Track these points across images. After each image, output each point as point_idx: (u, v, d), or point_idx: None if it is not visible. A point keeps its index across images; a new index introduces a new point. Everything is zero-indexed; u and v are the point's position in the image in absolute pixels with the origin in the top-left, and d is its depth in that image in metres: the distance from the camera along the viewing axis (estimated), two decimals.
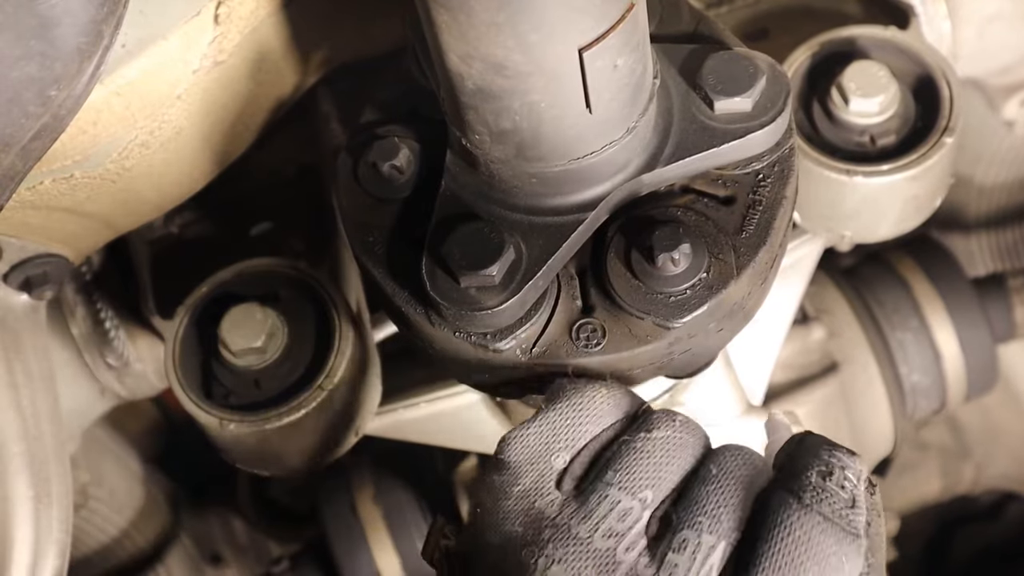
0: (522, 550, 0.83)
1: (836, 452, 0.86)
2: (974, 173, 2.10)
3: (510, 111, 0.88)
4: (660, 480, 0.85)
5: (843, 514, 0.82)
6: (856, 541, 0.82)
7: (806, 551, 0.80)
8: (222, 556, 2.18)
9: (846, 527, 0.82)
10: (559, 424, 0.88)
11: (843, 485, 0.84)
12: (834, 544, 0.81)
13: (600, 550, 0.82)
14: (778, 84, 0.99)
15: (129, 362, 1.55)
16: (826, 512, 0.82)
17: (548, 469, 0.86)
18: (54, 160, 1.04)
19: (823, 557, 0.80)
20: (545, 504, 0.84)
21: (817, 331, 1.76)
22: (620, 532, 0.82)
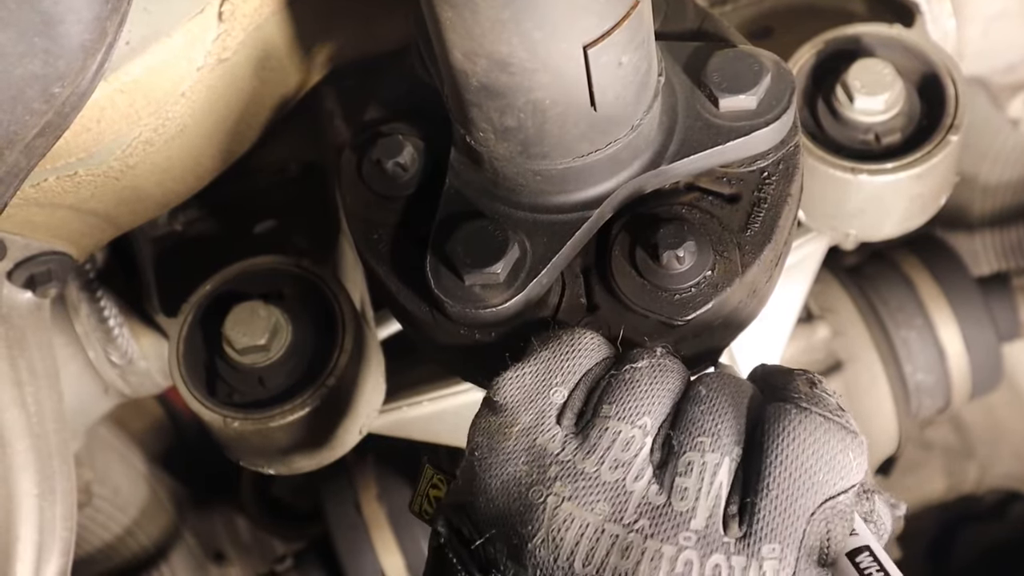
0: (529, 490, 0.82)
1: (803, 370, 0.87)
2: (978, 172, 2.10)
3: (514, 108, 0.87)
4: (655, 406, 0.84)
5: (837, 414, 0.82)
6: (857, 438, 0.82)
7: (814, 452, 0.80)
8: (226, 554, 2.18)
9: (845, 425, 0.82)
10: (553, 361, 0.88)
11: (829, 393, 0.84)
12: (838, 442, 0.81)
13: (609, 482, 0.81)
14: (783, 82, 0.99)
15: (133, 360, 1.55)
16: (825, 413, 0.82)
17: (548, 405, 0.86)
18: (58, 157, 1.04)
19: (831, 456, 0.80)
20: (547, 440, 0.84)
21: (821, 330, 1.76)
22: (626, 462, 0.82)
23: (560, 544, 0.80)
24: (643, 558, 0.78)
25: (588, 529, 0.80)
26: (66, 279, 1.28)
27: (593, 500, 0.80)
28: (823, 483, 0.80)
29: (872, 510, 0.84)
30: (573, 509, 0.80)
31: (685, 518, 0.79)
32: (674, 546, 0.78)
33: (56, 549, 1.20)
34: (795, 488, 0.79)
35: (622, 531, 0.79)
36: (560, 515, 0.80)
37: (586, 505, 0.80)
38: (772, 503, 0.79)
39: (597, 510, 0.80)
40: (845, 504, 0.80)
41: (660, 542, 0.79)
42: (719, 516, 0.79)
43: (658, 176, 0.98)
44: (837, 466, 0.80)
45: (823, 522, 0.79)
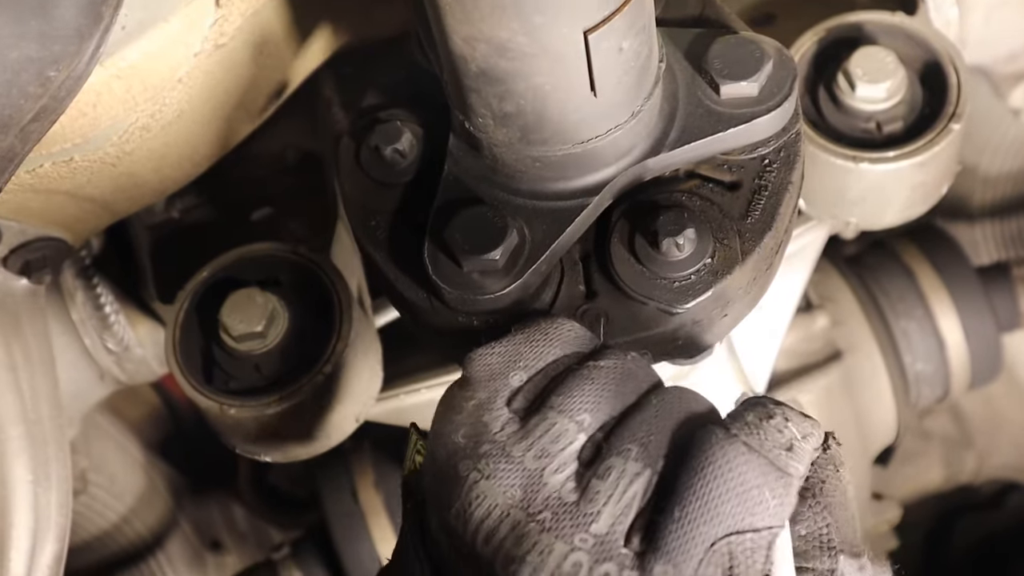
0: (460, 463, 0.82)
1: (785, 407, 0.83)
2: (979, 162, 2.10)
3: (514, 94, 0.87)
4: (600, 405, 0.83)
5: (774, 452, 0.79)
6: (784, 479, 0.78)
7: (725, 481, 0.77)
8: (222, 543, 2.18)
9: (775, 461, 0.78)
10: (523, 345, 0.87)
11: (781, 430, 0.80)
12: (758, 476, 0.77)
13: (529, 470, 0.80)
14: (785, 68, 0.99)
15: (129, 347, 1.55)
16: (753, 444, 0.78)
17: (503, 386, 0.85)
18: (54, 143, 1.03)
19: (744, 489, 0.76)
20: (491, 419, 0.83)
21: (821, 319, 1.76)
22: (551, 453, 0.80)
23: (469, 519, 0.80)
24: (533, 549, 0.77)
25: (495, 510, 0.79)
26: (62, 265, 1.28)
27: (508, 484, 0.80)
28: (729, 515, 0.76)
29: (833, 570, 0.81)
30: (487, 488, 0.80)
31: (587, 520, 0.78)
32: (567, 544, 0.77)
33: (51, 535, 1.20)
34: (698, 514, 0.76)
35: (524, 519, 0.78)
36: (475, 491, 0.80)
37: (500, 487, 0.80)
38: (673, 524, 0.76)
39: (508, 494, 0.79)
40: (753, 543, 0.76)
41: (555, 537, 0.77)
42: (624, 526, 0.78)
43: (658, 163, 0.97)
44: (749, 500, 0.76)
45: (726, 555, 0.76)
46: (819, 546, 0.82)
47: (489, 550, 0.79)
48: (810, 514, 0.82)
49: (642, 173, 0.97)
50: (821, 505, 0.82)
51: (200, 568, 2.11)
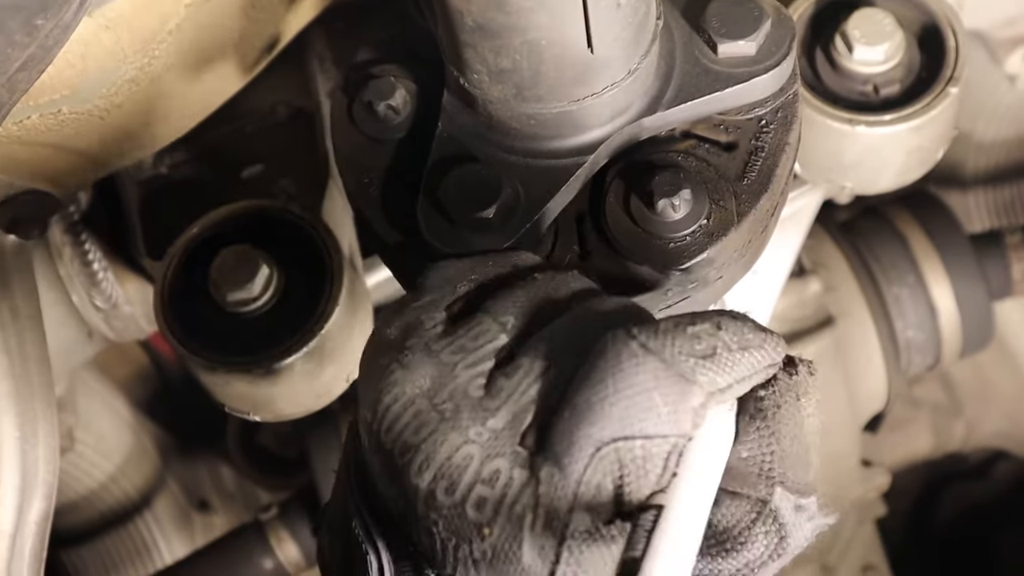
0: (385, 354, 0.81)
1: (727, 317, 0.77)
2: (974, 129, 2.09)
3: (510, 49, 0.86)
4: (526, 308, 0.81)
5: (679, 357, 0.73)
6: (682, 385, 0.72)
7: (614, 383, 0.72)
8: (210, 503, 2.18)
9: (675, 366, 0.73)
10: (480, 262, 0.86)
11: (701, 337, 0.75)
12: (650, 380, 0.72)
13: (443, 363, 0.79)
14: (783, 28, 0.97)
15: (117, 304, 1.54)
16: (652, 347, 0.73)
17: (449, 292, 0.84)
18: (41, 94, 1.02)
19: (634, 392, 0.72)
20: (427, 318, 0.82)
21: (813, 285, 1.75)
22: (468, 349, 0.79)
23: (377, 407, 0.79)
24: (428, 438, 0.76)
25: (402, 398, 0.78)
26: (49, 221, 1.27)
27: (421, 374, 0.78)
28: (615, 418, 0.72)
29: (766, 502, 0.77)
30: (400, 377, 0.79)
31: (486, 415, 0.76)
32: (461, 436, 0.75)
33: (38, 493, 1.19)
34: (586, 415, 0.73)
35: (427, 408, 0.77)
36: (389, 378, 0.79)
37: (412, 376, 0.79)
38: (562, 424, 0.74)
39: (418, 384, 0.78)
40: (644, 451, 0.72)
41: (451, 428, 0.76)
42: (522, 424, 0.75)
43: (654, 122, 0.96)
44: (636, 406, 0.72)
45: (615, 463, 0.72)
46: (757, 472, 0.77)
47: (391, 437, 0.78)
48: (755, 436, 0.77)
49: (638, 132, 0.96)
50: (769, 431, 0.77)
51: (187, 528, 2.12)
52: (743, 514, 0.76)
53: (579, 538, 0.72)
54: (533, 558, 0.73)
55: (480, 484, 0.75)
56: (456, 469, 0.75)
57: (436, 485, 0.75)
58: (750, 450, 0.77)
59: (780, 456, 0.77)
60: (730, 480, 0.76)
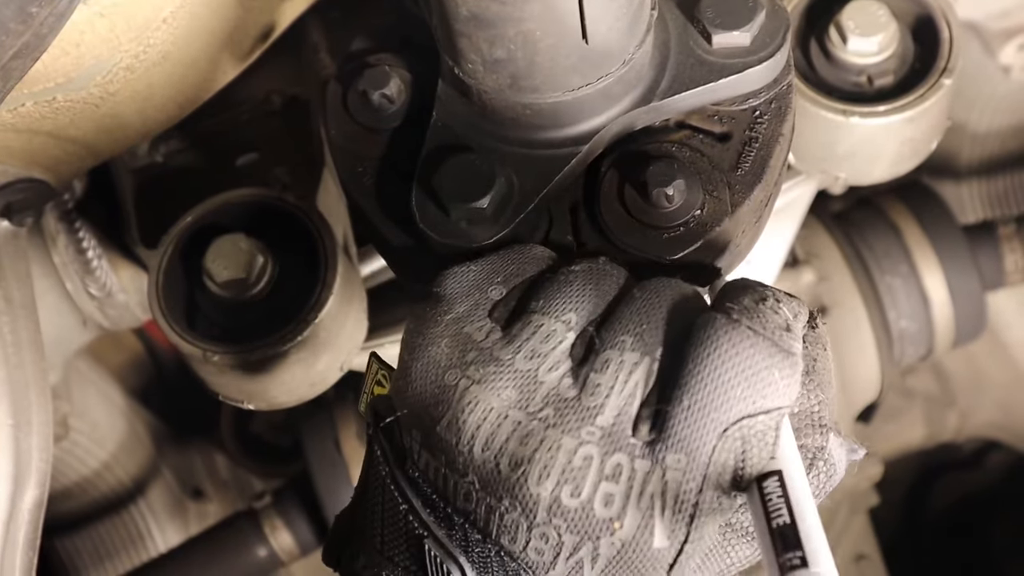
0: (445, 373, 0.81)
1: (768, 288, 0.82)
2: (968, 119, 2.09)
3: (504, 39, 0.86)
4: (583, 303, 0.82)
5: (776, 332, 0.78)
6: (791, 358, 0.77)
7: (733, 365, 0.76)
8: (204, 491, 2.18)
9: (779, 342, 0.77)
10: (499, 263, 0.87)
11: (777, 311, 0.79)
12: (765, 358, 0.76)
13: (522, 371, 0.79)
14: (777, 19, 0.98)
15: (112, 292, 1.54)
16: (756, 327, 0.77)
17: (483, 299, 0.84)
18: (36, 82, 1.02)
19: (753, 372, 0.76)
20: (474, 330, 0.82)
21: (807, 275, 1.75)
22: (543, 353, 0.80)
23: (462, 427, 0.79)
24: (541, 446, 0.77)
25: (491, 414, 0.78)
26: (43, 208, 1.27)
27: (501, 386, 0.79)
28: (740, 399, 0.75)
29: (823, 447, 0.81)
30: (480, 393, 0.79)
31: (592, 413, 0.77)
32: (575, 439, 0.77)
33: (32, 481, 1.19)
34: (708, 400, 0.75)
35: (525, 418, 0.78)
36: (466, 397, 0.79)
37: (493, 390, 0.79)
38: (683, 413, 0.76)
39: (504, 396, 0.79)
40: (765, 425, 0.76)
41: (561, 433, 0.77)
42: (629, 416, 0.77)
43: (649, 113, 0.96)
44: (759, 383, 0.76)
45: (738, 440, 0.76)
46: (811, 424, 0.81)
47: (490, 454, 0.78)
48: (804, 391, 0.81)
49: (632, 123, 0.97)
50: (815, 383, 0.82)
51: (181, 516, 2.12)
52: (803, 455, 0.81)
53: (707, 515, 0.76)
54: (663, 542, 0.76)
55: (605, 481, 0.76)
56: (579, 471, 0.76)
57: (560, 490, 0.77)
58: (801, 405, 0.81)
59: (826, 404, 0.82)
60: None
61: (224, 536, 1.81)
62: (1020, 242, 1.87)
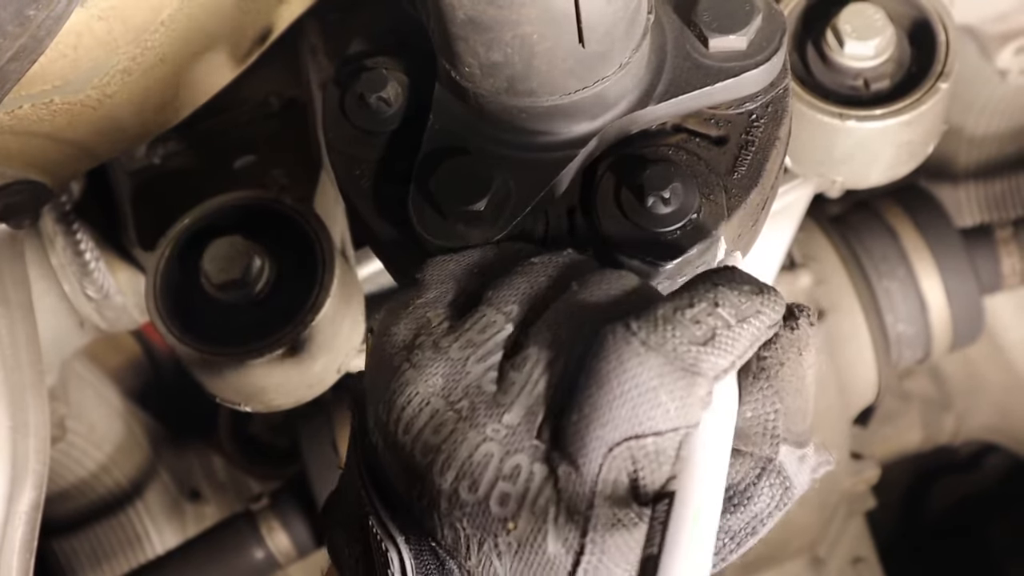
0: (396, 354, 0.81)
1: (722, 287, 0.76)
2: (965, 123, 2.10)
3: (501, 43, 0.86)
4: (530, 295, 0.80)
5: (681, 348, 0.73)
6: (686, 379, 0.72)
7: (618, 385, 0.72)
8: (201, 493, 2.18)
9: (679, 359, 0.73)
10: (484, 257, 0.87)
11: (700, 320, 0.74)
12: (654, 378, 0.72)
13: (453, 359, 0.79)
14: (774, 22, 0.98)
15: (109, 294, 1.54)
16: (652, 342, 0.73)
17: (454, 286, 0.84)
18: (33, 84, 1.02)
19: (638, 392, 0.72)
20: (434, 315, 0.82)
21: (804, 278, 1.76)
22: (476, 343, 0.79)
23: (392, 407, 0.79)
24: (449, 438, 0.77)
25: (416, 399, 0.78)
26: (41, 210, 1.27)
27: (432, 372, 0.79)
28: (624, 419, 0.72)
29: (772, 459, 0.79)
30: (412, 376, 0.79)
31: (501, 411, 0.76)
32: (479, 435, 0.76)
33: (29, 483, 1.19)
34: (594, 417, 0.73)
35: (444, 407, 0.78)
36: (401, 380, 0.79)
37: (424, 375, 0.79)
38: (573, 427, 0.74)
39: (431, 383, 0.78)
40: (656, 446, 0.73)
41: (469, 427, 0.76)
42: (537, 417, 0.76)
43: (645, 116, 0.96)
44: (644, 404, 0.72)
45: (628, 459, 0.73)
46: (762, 432, 0.78)
47: (409, 439, 0.78)
48: (759, 396, 0.78)
49: (629, 126, 0.97)
50: (773, 389, 0.78)
51: (179, 518, 2.12)
52: (748, 471, 0.79)
53: (601, 529, 0.73)
54: (558, 549, 0.74)
55: (502, 480, 0.75)
56: (477, 467, 0.76)
57: (459, 484, 0.76)
58: (754, 410, 0.78)
59: (783, 413, 0.78)
60: (735, 439, 0.77)
61: (221, 538, 1.81)
62: (1017, 245, 1.88)
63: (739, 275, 0.79)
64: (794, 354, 0.79)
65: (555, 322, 0.79)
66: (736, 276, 0.78)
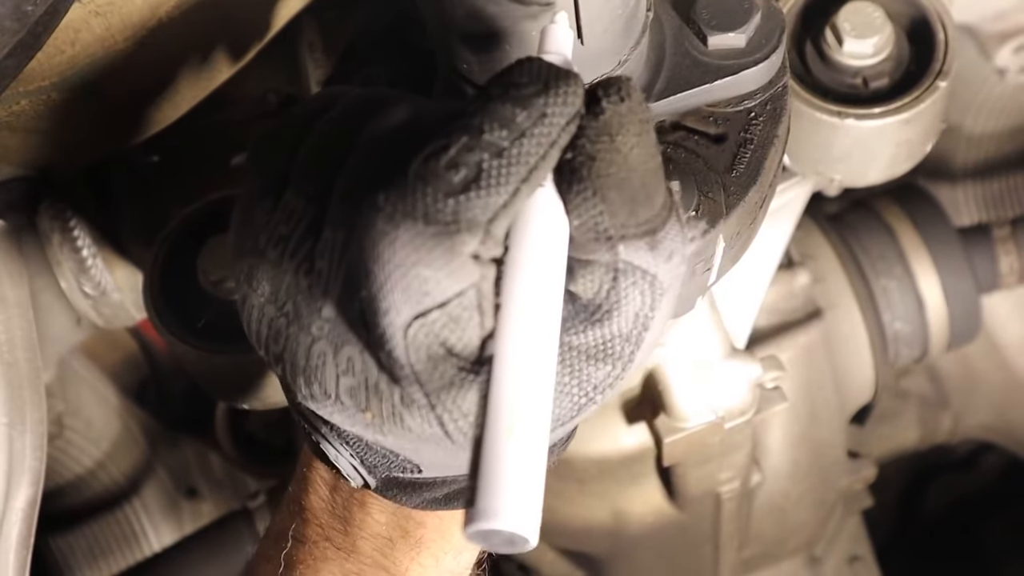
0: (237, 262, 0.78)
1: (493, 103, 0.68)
2: (963, 121, 2.09)
3: (500, 39, 0.86)
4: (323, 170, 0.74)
5: (434, 208, 0.66)
6: (445, 241, 0.66)
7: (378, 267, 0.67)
8: (198, 490, 2.18)
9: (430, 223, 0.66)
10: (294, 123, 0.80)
11: (457, 163, 0.66)
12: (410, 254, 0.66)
13: (271, 259, 0.75)
14: (773, 20, 0.98)
15: (106, 291, 1.53)
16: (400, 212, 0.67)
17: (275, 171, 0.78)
18: (31, 80, 1.02)
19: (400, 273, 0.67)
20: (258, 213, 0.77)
21: (802, 276, 1.75)
22: (285, 236, 0.74)
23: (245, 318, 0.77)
24: (287, 345, 0.75)
25: (255, 311, 0.76)
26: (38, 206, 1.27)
27: (259, 279, 0.76)
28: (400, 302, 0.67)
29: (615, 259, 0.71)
30: (246, 289, 0.77)
31: (319, 305, 0.73)
32: (308, 336, 0.73)
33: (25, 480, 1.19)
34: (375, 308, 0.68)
35: (275, 314, 0.75)
36: (240, 292, 0.77)
37: (253, 285, 0.76)
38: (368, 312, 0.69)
39: (260, 291, 0.76)
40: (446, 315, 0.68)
41: (298, 329, 0.74)
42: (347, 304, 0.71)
43: None
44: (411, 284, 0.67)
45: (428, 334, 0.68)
46: (594, 237, 0.71)
47: (263, 351, 0.77)
48: (579, 200, 0.70)
49: None
50: (590, 190, 0.70)
51: (175, 515, 2.11)
52: (600, 277, 0.72)
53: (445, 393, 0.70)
54: (419, 424, 0.72)
55: (342, 376, 0.73)
56: (317, 369, 0.74)
57: (311, 389, 0.75)
58: (579, 216, 0.70)
59: (611, 211, 0.71)
60: (576, 250, 0.71)
61: (218, 535, 1.81)
62: (1015, 244, 1.88)
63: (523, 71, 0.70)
64: (605, 142, 0.70)
65: (346, 192, 0.73)
66: (516, 74, 0.70)
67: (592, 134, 0.70)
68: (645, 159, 0.72)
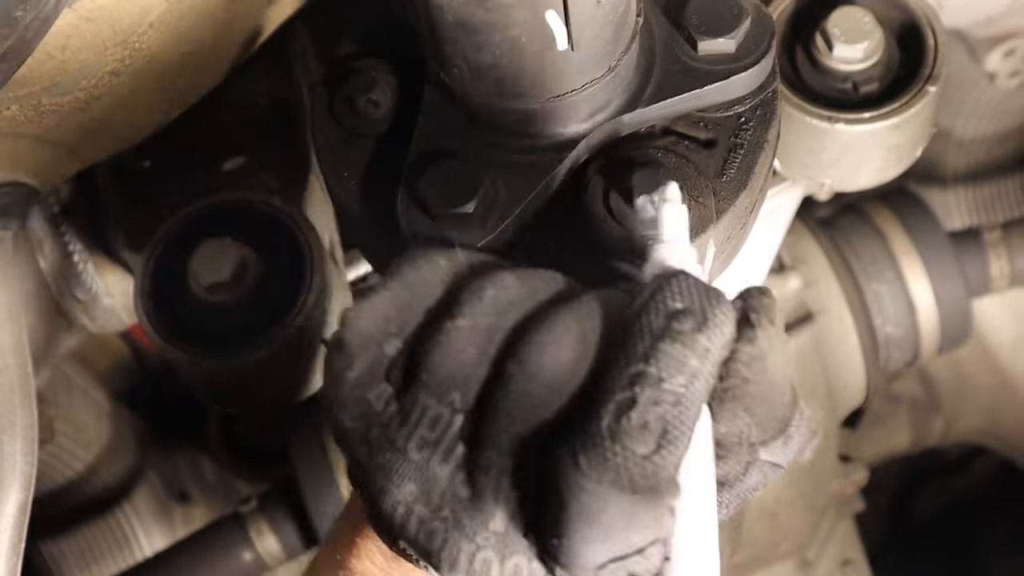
0: (357, 447, 0.80)
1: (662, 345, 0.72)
2: (953, 126, 2.10)
3: (490, 45, 0.86)
4: (467, 379, 0.77)
5: (635, 472, 0.71)
6: (649, 500, 0.71)
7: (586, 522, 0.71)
8: (189, 494, 2.18)
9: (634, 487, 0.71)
10: (390, 305, 0.82)
11: (646, 421, 0.71)
12: (620, 517, 0.71)
13: (415, 462, 0.77)
14: (763, 26, 0.98)
15: (98, 296, 1.53)
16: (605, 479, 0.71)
17: (380, 357, 0.81)
18: (21, 86, 1.02)
19: (609, 531, 0.72)
20: (374, 397, 0.80)
21: (793, 280, 1.76)
22: (432, 442, 0.77)
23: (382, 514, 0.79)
24: (445, 547, 0.77)
25: (400, 508, 0.78)
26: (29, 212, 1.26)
27: (401, 476, 0.78)
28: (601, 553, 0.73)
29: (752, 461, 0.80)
30: (385, 482, 0.78)
31: (485, 518, 0.76)
32: (472, 544, 0.76)
33: (16, 485, 1.19)
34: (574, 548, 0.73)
35: (428, 516, 0.77)
36: (377, 483, 0.79)
37: (395, 481, 0.78)
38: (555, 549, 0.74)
39: (407, 490, 0.78)
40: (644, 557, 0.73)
41: (461, 536, 0.76)
42: (519, 520, 0.76)
43: (634, 119, 0.97)
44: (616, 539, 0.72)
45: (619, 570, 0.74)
46: (737, 442, 0.78)
47: (408, 540, 0.79)
48: (728, 416, 0.77)
49: (617, 128, 0.97)
50: (742, 407, 0.77)
51: (167, 520, 2.11)
52: (732, 467, 0.79)
53: None
54: None
55: None
56: (480, 574, 0.77)
57: None
58: (727, 426, 0.77)
59: (758, 423, 0.78)
60: (717, 447, 0.77)
61: (210, 540, 1.81)
62: (1006, 248, 1.88)
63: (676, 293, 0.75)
64: (757, 366, 0.77)
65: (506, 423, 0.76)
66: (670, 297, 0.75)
67: (746, 358, 0.76)
68: (787, 372, 0.79)
